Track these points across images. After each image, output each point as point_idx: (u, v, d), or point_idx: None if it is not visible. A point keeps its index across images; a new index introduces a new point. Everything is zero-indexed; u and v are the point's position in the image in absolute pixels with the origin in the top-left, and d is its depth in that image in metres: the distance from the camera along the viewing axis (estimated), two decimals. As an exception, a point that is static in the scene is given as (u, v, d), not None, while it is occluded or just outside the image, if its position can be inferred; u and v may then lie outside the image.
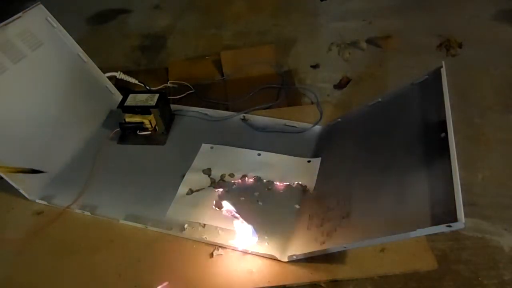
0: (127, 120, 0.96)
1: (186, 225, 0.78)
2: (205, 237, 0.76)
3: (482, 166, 0.88)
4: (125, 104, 0.94)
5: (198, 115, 1.06)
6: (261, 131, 0.99)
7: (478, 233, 0.76)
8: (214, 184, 0.86)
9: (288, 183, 0.85)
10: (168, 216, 0.81)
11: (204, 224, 0.78)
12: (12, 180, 0.81)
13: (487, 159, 0.90)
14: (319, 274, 0.69)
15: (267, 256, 0.72)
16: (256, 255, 0.73)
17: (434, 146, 0.63)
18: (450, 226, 0.50)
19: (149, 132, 0.97)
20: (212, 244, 0.75)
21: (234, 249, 0.74)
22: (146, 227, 0.78)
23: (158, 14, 1.62)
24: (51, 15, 0.95)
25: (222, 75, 1.21)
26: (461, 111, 1.00)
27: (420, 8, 1.48)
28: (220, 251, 0.74)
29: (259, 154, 0.92)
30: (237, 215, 0.79)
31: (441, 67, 0.71)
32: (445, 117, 0.63)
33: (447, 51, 1.24)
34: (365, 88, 1.14)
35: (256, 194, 0.84)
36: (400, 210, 0.61)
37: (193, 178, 0.88)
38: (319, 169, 0.86)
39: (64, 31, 0.97)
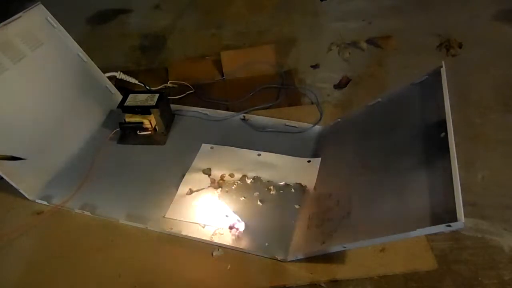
0: (127, 120, 0.96)
1: (186, 225, 0.78)
2: (205, 237, 0.76)
3: (482, 166, 0.88)
4: (125, 104, 0.94)
5: (198, 115, 1.06)
6: (261, 131, 0.99)
7: (478, 233, 0.76)
8: (214, 184, 0.86)
9: (288, 183, 0.85)
10: (168, 216, 0.80)
11: (204, 225, 0.78)
12: (12, 180, 0.81)
13: (487, 159, 0.89)
14: (319, 274, 0.69)
15: (267, 256, 0.72)
16: (256, 255, 0.73)
17: (434, 146, 0.63)
18: (450, 226, 0.50)
19: (149, 132, 0.97)
20: (212, 244, 0.75)
21: (234, 249, 0.74)
22: (146, 227, 0.78)
23: (158, 14, 1.62)
24: (51, 15, 0.95)
25: (222, 75, 1.21)
26: (461, 111, 1.00)
27: (420, 8, 1.48)
28: (220, 251, 0.74)
29: (259, 154, 0.92)
30: (237, 215, 0.79)
31: (441, 67, 0.71)
32: (445, 117, 0.63)
33: (447, 51, 1.24)
34: (365, 88, 1.14)
35: (256, 194, 0.84)
36: (400, 210, 0.61)
37: (193, 178, 0.88)
38: (319, 169, 0.86)
39: (64, 31, 0.97)
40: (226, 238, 0.75)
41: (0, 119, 0.82)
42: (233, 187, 0.86)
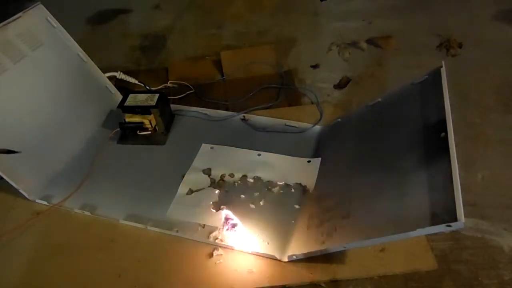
0: (127, 120, 0.96)
1: (186, 225, 0.78)
2: (205, 237, 0.76)
3: (482, 166, 0.88)
4: (125, 104, 0.94)
5: (198, 115, 1.06)
6: (261, 131, 0.99)
7: (478, 233, 0.76)
8: (214, 184, 0.87)
9: (288, 183, 0.85)
10: (168, 216, 0.81)
11: (204, 224, 0.78)
12: (12, 180, 0.81)
13: (487, 159, 0.89)
14: (319, 274, 0.69)
15: (267, 256, 0.72)
16: (256, 255, 0.73)
17: (434, 146, 0.63)
18: (450, 225, 0.50)
19: (149, 132, 0.97)
20: (212, 244, 0.75)
21: (234, 249, 0.74)
22: (146, 227, 0.78)
23: (158, 14, 1.62)
24: (51, 15, 0.95)
25: (222, 75, 1.21)
26: (461, 111, 1.00)
27: (420, 8, 1.48)
28: (220, 251, 0.74)
29: (259, 154, 0.92)
30: (237, 215, 0.79)
31: (441, 67, 0.71)
32: (445, 117, 0.63)
33: (447, 51, 1.24)
34: (365, 88, 1.14)
35: (256, 194, 0.84)
36: (400, 210, 0.61)
37: (193, 178, 0.88)
38: (319, 169, 0.86)
39: (64, 31, 0.97)
40: (226, 238, 0.76)
41: (0, 119, 0.82)
42: (233, 187, 0.86)
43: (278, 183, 0.86)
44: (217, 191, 0.85)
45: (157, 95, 0.96)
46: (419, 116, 0.71)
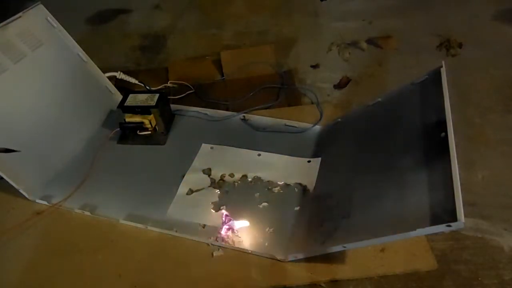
0: (127, 120, 0.96)
1: (186, 225, 0.78)
2: (205, 237, 0.76)
3: (482, 166, 0.88)
4: (125, 104, 0.94)
5: (198, 115, 1.06)
6: (261, 131, 0.99)
7: (478, 233, 0.76)
8: (214, 184, 0.87)
9: (288, 183, 0.85)
10: (168, 216, 0.81)
11: (204, 224, 0.78)
12: (12, 180, 0.81)
13: (487, 159, 0.89)
14: (319, 274, 0.69)
15: (267, 256, 0.72)
16: (256, 255, 0.73)
17: (434, 146, 0.63)
18: (450, 225, 0.50)
19: (149, 132, 0.97)
20: (212, 244, 0.75)
21: (234, 249, 0.74)
22: (146, 227, 0.78)
23: (158, 14, 1.62)
24: (51, 15, 0.95)
25: (222, 75, 1.21)
26: (461, 111, 1.00)
27: (420, 8, 1.48)
28: (220, 251, 0.74)
29: (259, 154, 0.92)
30: (237, 215, 0.79)
31: (441, 67, 0.71)
32: (445, 117, 0.63)
33: (447, 51, 1.24)
34: (365, 88, 1.14)
35: (256, 194, 0.84)
36: (400, 210, 0.61)
37: (193, 178, 0.88)
38: (319, 169, 0.86)
39: (64, 31, 0.97)
40: (226, 238, 0.76)
41: (0, 119, 0.82)
42: (233, 187, 0.86)
43: (278, 183, 0.86)
44: (217, 191, 0.85)
45: (157, 95, 0.96)
46: (419, 116, 0.71)
